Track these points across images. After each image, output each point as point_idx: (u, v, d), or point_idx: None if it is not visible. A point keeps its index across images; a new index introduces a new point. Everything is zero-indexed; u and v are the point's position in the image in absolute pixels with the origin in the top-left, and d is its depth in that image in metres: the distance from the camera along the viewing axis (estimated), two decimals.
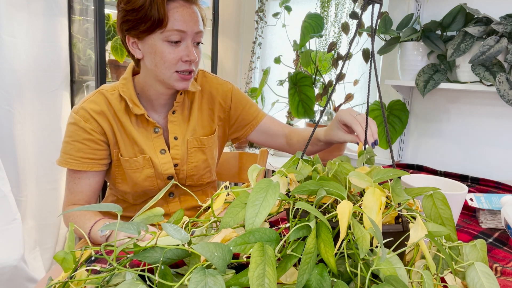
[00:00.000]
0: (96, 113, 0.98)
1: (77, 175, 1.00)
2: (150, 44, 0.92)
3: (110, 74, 1.99)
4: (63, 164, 0.99)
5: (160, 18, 0.88)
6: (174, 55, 0.92)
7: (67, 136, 0.99)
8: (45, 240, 1.91)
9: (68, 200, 1.02)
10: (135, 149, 1.01)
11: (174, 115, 1.05)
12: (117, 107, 1.00)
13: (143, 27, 0.89)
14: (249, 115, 1.15)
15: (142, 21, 0.89)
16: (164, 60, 0.92)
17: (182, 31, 0.91)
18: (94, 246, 0.53)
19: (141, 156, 1.01)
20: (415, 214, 0.55)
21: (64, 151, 0.99)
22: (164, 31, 0.89)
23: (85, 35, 1.91)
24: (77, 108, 0.99)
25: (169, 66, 0.93)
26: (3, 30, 1.60)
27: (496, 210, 1.02)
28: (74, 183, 1.01)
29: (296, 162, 0.72)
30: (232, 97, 1.13)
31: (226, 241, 0.51)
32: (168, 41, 0.91)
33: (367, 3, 0.72)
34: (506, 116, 1.58)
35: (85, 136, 0.97)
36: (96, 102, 0.99)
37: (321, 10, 1.95)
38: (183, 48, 0.92)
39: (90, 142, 0.98)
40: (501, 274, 0.73)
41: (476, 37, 1.43)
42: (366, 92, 2.07)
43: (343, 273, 0.51)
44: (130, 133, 1.00)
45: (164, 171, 1.03)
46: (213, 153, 1.13)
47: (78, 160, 0.98)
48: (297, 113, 1.88)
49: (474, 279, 0.51)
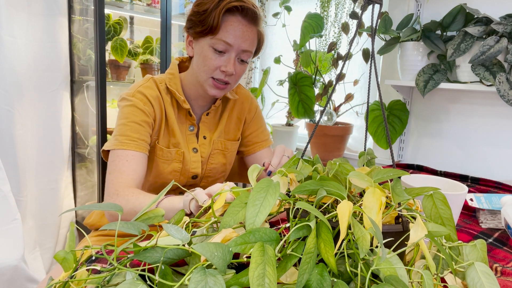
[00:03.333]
0: (152, 97, 1.01)
1: (129, 153, 0.95)
2: (200, 46, 1.00)
3: (110, 74, 1.99)
4: (120, 145, 0.94)
5: (213, 26, 0.95)
6: (214, 62, 0.98)
7: (122, 118, 0.98)
8: (45, 240, 1.91)
9: (119, 182, 0.91)
10: (171, 141, 1.06)
11: (207, 117, 1.11)
12: (164, 97, 1.04)
13: (199, 29, 0.97)
14: (262, 136, 1.22)
15: (200, 23, 0.97)
16: (205, 63, 0.99)
17: (228, 44, 0.97)
18: (95, 245, 0.53)
19: (175, 149, 1.05)
20: (415, 214, 0.55)
21: (120, 133, 0.96)
22: (213, 38, 0.97)
23: (85, 35, 1.91)
24: (133, 92, 1.01)
25: (207, 70, 0.99)
26: (3, 30, 1.60)
27: (496, 210, 1.02)
28: (127, 161, 0.94)
29: (296, 162, 0.72)
30: (255, 113, 1.21)
31: (227, 241, 0.51)
32: (214, 48, 0.97)
33: (367, 3, 0.72)
34: (506, 116, 1.58)
35: (143, 117, 0.99)
36: (152, 88, 1.03)
37: (321, 10, 1.95)
38: (225, 59, 0.99)
39: (146, 124, 0.99)
40: (501, 274, 0.73)
41: (476, 37, 1.43)
42: (366, 92, 2.07)
43: (343, 273, 0.51)
44: (172, 125, 1.05)
45: (192, 169, 1.08)
46: (232, 160, 1.19)
47: (135, 141, 0.96)
48: (297, 113, 1.88)
49: (474, 279, 0.51)
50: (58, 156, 1.92)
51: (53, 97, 1.85)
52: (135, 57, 2.05)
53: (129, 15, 2.17)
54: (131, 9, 2.05)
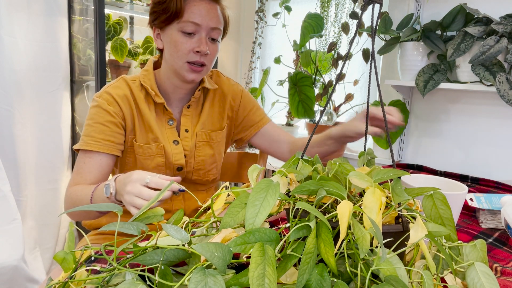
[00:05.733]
0: (119, 97, 1.02)
1: (88, 154, 0.99)
2: (169, 34, 1.00)
3: (110, 74, 1.99)
4: (83, 146, 0.98)
5: (177, 10, 0.96)
6: (187, 45, 0.98)
7: (89, 119, 1.01)
8: (45, 240, 1.90)
9: (74, 181, 0.99)
10: (149, 137, 1.06)
11: (188, 109, 1.11)
12: (137, 95, 1.05)
13: (163, 17, 0.98)
14: (255, 116, 1.20)
15: (163, 12, 0.98)
16: (177, 49, 0.99)
17: (196, 24, 0.97)
18: (94, 245, 0.53)
19: (155, 144, 1.05)
20: (415, 214, 0.55)
21: (86, 134, 1.00)
22: (180, 21, 0.97)
23: (85, 35, 1.91)
24: (100, 93, 1.03)
25: (181, 55, 0.99)
26: (3, 30, 1.60)
27: (496, 210, 1.02)
28: (84, 163, 0.99)
29: (296, 162, 0.72)
30: (241, 97, 1.19)
31: (226, 241, 0.51)
32: (182, 31, 0.98)
33: (367, 3, 0.72)
34: (506, 116, 1.58)
35: (108, 118, 1.00)
36: (119, 87, 1.04)
37: (321, 10, 1.95)
38: (196, 40, 0.99)
39: (112, 124, 1.00)
40: (501, 274, 0.73)
41: (476, 37, 1.43)
42: (366, 92, 2.07)
43: (343, 273, 0.51)
44: (148, 120, 1.05)
45: (175, 161, 1.08)
46: (221, 150, 1.18)
47: (99, 142, 0.99)
48: (297, 113, 1.88)
49: (474, 279, 0.51)
50: (58, 156, 1.92)
51: (53, 97, 1.85)
52: (135, 57, 2.05)
53: (129, 15, 2.17)
54: (131, 9, 2.05)
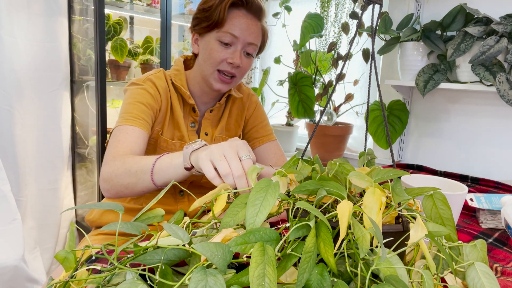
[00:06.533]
0: (161, 87, 1.04)
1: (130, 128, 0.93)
2: (206, 41, 1.02)
3: (110, 74, 1.99)
4: (122, 122, 0.93)
5: (219, 20, 0.98)
6: (221, 55, 1.00)
7: (130, 98, 0.99)
8: (45, 240, 1.91)
9: (117, 151, 0.88)
10: (175, 134, 1.07)
11: (210, 113, 1.12)
12: (172, 91, 1.06)
13: (205, 25, 1.00)
14: (263, 130, 1.22)
15: (206, 19, 1.00)
16: (210, 56, 1.00)
17: (234, 36, 0.99)
18: (95, 244, 0.53)
19: (179, 142, 1.06)
20: (415, 214, 0.55)
21: (125, 111, 0.96)
22: (219, 31, 0.99)
23: (85, 35, 1.91)
24: (143, 79, 1.03)
25: (213, 62, 1.01)
26: (3, 30, 1.60)
27: (496, 210, 1.02)
28: (127, 133, 0.92)
29: (296, 162, 0.72)
30: (255, 109, 1.22)
31: (227, 241, 0.51)
32: (220, 41, 1.00)
33: (367, 3, 0.72)
34: (506, 116, 1.58)
35: (150, 101, 1.00)
36: (161, 78, 1.05)
37: (321, 10, 1.95)
38: (231, 51, 1.01)
39: (151, 108, 1.00)
40: (501, 274, 0.73)
41: (476, 37, 1.43)
42: (366, 92, 2.07)
43: (343, 273, 0.51)
44: (177, 118, 1.06)
45: None
46: None
47: (138, 119, 0.95)
48: (297, 113, 1.89)
49: (474, 279, 0.51)
50: (58, 156, 1.92)
51: (53, 97, 1.85)
52: (135, 57, 2.05)
53: (129, 15, 2.17)
54: (131, 9, 2.05)
